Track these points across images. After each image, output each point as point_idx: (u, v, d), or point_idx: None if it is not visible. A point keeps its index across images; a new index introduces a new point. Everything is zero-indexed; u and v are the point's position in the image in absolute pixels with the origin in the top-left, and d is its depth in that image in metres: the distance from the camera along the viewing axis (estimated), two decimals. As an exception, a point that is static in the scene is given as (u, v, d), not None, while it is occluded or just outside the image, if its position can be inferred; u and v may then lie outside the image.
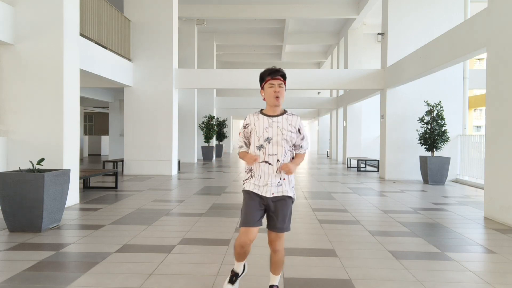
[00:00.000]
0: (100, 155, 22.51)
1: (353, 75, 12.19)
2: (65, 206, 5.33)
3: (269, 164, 2.66)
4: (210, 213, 5.95)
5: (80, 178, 7.10)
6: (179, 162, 12.58)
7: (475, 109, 33.86)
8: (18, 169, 5.09)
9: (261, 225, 2.68)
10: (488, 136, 6.00)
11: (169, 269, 3.45)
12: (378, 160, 12.91)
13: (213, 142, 20.31)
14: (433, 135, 9.92)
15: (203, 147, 18.38)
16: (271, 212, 2.68)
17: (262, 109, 2.80)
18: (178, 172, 12.18)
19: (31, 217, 4.65)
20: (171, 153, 11.56)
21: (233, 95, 24.97)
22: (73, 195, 6.49)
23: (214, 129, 18.81)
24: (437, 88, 10.71)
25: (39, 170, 4.98)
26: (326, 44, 21.32)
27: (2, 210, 4.69)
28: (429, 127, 10.05)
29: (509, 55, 5.50)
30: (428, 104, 10.12)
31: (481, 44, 6.42)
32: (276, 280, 2.81)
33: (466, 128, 11.09)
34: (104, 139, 23.26)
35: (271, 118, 2.71)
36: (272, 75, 2.68)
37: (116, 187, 8.51)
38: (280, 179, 2.68)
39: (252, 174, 2.72)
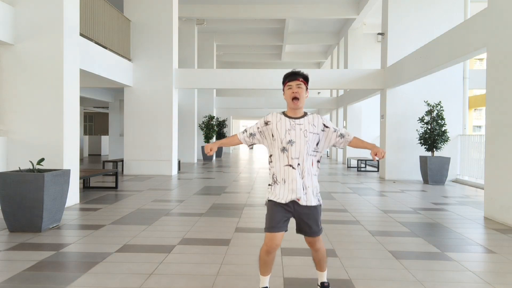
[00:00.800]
0: (100, 155, 22.51)
1: (353, 75, 12.19)
2: (65, 206, 5.33)
3: (292, 168, 2.61)
4: (210, 213, 5.95)
5: (80, 178, 7.10)
6: (179, 162, 12.58)
7: (475, 109, 33.87)
8: (18, 169, 5.09)
9: (286, 229, 2.65)
10: (488, 136, 6.00)
11: (169, 269, 3.45)
12: (378, 160, 12.91)
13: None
14: (433, 135, 9.92)
15: (203, 147, 18.34)
16: (301, 219, 2.64)
17: (283, 112, 2.75)
18: (178, 172, 12.18)
19: (31, 217, 4.65)
20: (171, 153, 11.56)
21: (233, 95, 24.97)
22: (73, 195, 6.49)
23: (214, 129, 18.81)
24: (437, 88, 10.71)
25: (39, 170, 4.98)
26: (326, 44, 21.33)
27: (2, 210, 4.69)
28: (429, 127, 10.05)
29: (509, 55, 5.50)
30: (428, 104, 10.11)
31: (481, 44, 6.42)
32: (324, 276, 2.85)
33: (466, 128, 11.10)
34: (104, 139, 23.26)
35: (293, 120, 2.66)
36: (290, 77, 2.68)
37: (116, 187, 8.51)
38: (304, 188, 2.61)
39: (275, 179, 2.66)
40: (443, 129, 9.92)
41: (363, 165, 15.03)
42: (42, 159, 4.99)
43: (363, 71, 12.10)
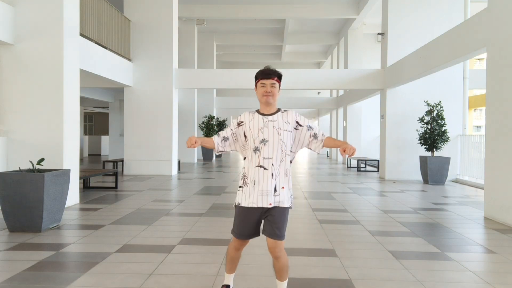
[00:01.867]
0: (100, 155, 22.51)
1: (353, 75, 12.18)
2: (65, 206, 5.33)
3: (264, 168, 2.51)
4: (210, 213, 5.95)
5: (80, 178, 7.10)
6: (179, 162, 12.58)
7: (475, 109, 33.86)
8: (18, 169, 5.09)
9: (258, 235, 2.61)
10: (488, 136, 6.00)
11: (169, 269, 3.45)
12: (378, 160, 12.91)
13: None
14: (433, 135, 9.92)
15: (203, 147, 18.37)
16: (268, 218, 2.54)
17: (258, 109, 2.70)
18: (178, 172, 12.18)
19: (31, 217, 4.65)
20: (171, 153, 11.56)
21: (233, 95, 24.96)
22: (73, 195, 6.49)
23: (214, 129, 18.79)
24: (437, 88, 10.71)
25: (39, 170, 4.99)
26: (326, 44, 21.32)
27: (2, 210, 4.69)
28: (429, 127, 10.05)
29: (509, 55, 5.50)
30: (428, 104, 10.11)
31: (481, 44, 6.42)
32: (284, 286, 2.67)
33: (466, 128, 11.10)
34: (104, 139, 23.26)
35: (266, 117, 2.60)
36: (264, 75, 2.60)
37: (116, 187, 8.50)
38: (276, 189, 2.51)
39: (245, 181, 2.56)
40: (443, 129, 9.92)
41: (363, 165, 15.03)
42: (42, 159, 4.99)
43: (363, 71, 12.10)
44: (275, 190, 2.51)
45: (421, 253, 4.09)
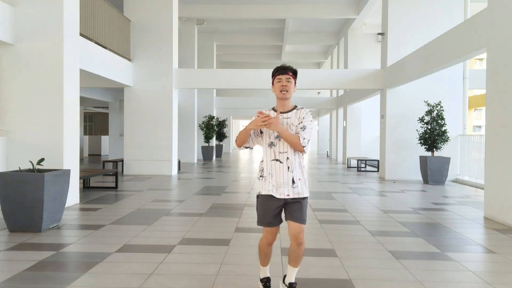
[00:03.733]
0: (100, 155, 22.51)
1: (353, 75, 12.18)
2: (65, 206, 5.33)
3: (280, 162, 2.67)
4: (210, 213, 5.95)
5: (80, 178, 7.10)
6: (179, 162, 12.58)
7: (475, 109, 33.87)
8: (18, 169, 5.09)
9: (281, 221, 2.77)
10: (488, 136, 6.00)
11: (169, 269, 3.45)
12: (378, 160, 12.91)
13: (213, 142, 20.32)
14: (433, 135, 9.92)
15: (203, 147, 18.38)
16: (289, 206, 2.69)
17: (274, 107, 2.80)
18: (178, 172, 12.18)
19: (31, 217, 4.65)
20: (171, 153, 11.56)
21: (233, 95, 24.97)
22: (73, 195, 6.49)
23: (214, 129, 18.81)
24: (437, 88, 10.71)
25: (39, 170, 4.99)
26: (326, 44, 21.32)
27: (2, 210, 4.69)
28: (429, 127, 10.05)
29: (509, 55, 5.50)
30: (428, 104, 10.11)
31: (481, 44, 6.42)
32: (295, 273, 2.83)
33: (466, 128, 11.09)
34: (104, 139, 23.26)
35: (282, 114, 2.71)
36: (280, 71, 2.71)
37: (116, 187, 8.51)
38: (294, 181, 2.66)
39: (262, 173, 2.73)
40: (443, 129, 9.92)
41: (363, 165, 15.03)
42: (42, 159, 4.99)
43: (363, 71, 12.10)
44: (293, 182, 2.66)
45: (421, 253, 4.09)
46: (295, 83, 2.73)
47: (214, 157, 19.52)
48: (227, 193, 8.07)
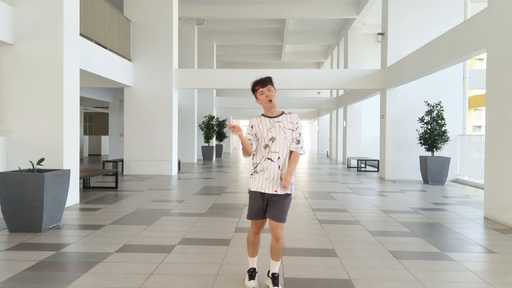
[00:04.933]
0: (100, 155, 22.51)
1: (353, 75, 12.18)
2: (65, 206, 5.33)
3: (271, 160, 2.92)
4: (210, 213, 5.95)
5: (80, 178, 7.11)
6: (179, 162, 12.58)
7: (475, 109, 33.86)
8: (18, 169, 5.09)
9: (265, 218, 3.00)
10: (488, 136, 6.00)
11: (169, 269, 3.45)
12: (378, 160, 12.91)
13: (213, 142, 20.32)
14: (433, 135, 9.92)
15: (203, 147, 18.38)
16: (272, 204, 2.93)
17: (262, 113, 3.05)
18: (178, 172, 12.18)
19: (31, 217, 4.65)
20: (171, 153, 11.57)
21: (233, 95, 24.96)
22: (73, 195, 6.49)
23: (214, 129, 18.81)
24: (437, 88, 10.71)
25: (39, 170, 4.99)
26: (326, 44, 21.32)
27: (2, 210, 4.69)
28: (429, 127, 10.05)
29: (509, 55, 5.50)
30: (428, 104, 10.12)
31: (481, 44, 6.42)
32: (277, 266, 3.01)
33: (466, 128, 11.09)
34: (104, 139, 23.26)
35: (272, 119, 2.99)
36: (260, 84, 3.00)
37: (116, 187, 8.51)
38: (281, 179, 2.92)
39: (256, 169, 2.98)
40: (443, 129, 9.92)
41: (363, 165, 15.03)
42: (42, 159, 4.99)
43: (363, 71, 12.10)
44: (281, 179, 2.92)
45: (421, 253, 4.09)
46: (275, 89, 3.01)
47: (214, 157, 19.52)
48: (227, 193, 8.07)
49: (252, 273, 3.08)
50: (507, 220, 5.39)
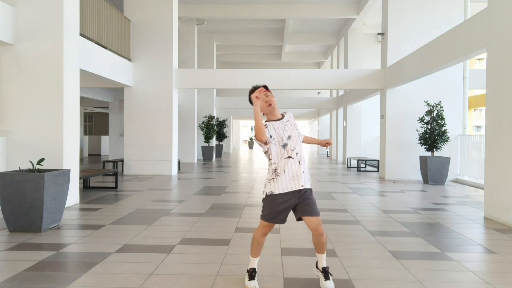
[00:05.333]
0: (100, 155, 22.51)
1: (353, 75, 12.18)
2: (65, 206, 5.33)
3: (291, 158, 2.96)
4: (210, 213, 5.95)
5: (80, 178, 7.11)
6: (179, 162, 12.58)
7: (475, 109, 33.86)
8: (18, 169, 5.09)
9: (284, 222, 3.00)
10: (488, 136, 6.00)
11: (169, 269, 3.46)
12: (378, 160, 12.91)
13: (213, 142, 20.32)
14: (433, 135, 9.92)
15: (203, 147, 18.38)
16: (305, 201, 2.95)
17: (265, 121, 3.06)
18: (178, 172, 12.18)
19: (31, 217, 4.65)
20: (171, 153, 11.56)
21: (233, 95, 24.95)
22: (73, 195, 6.49)
23: (214, 129, 18.81)
24: (437, 88, 10.71)
25: (39, 170, 4.99)
26: (326, 44, 21.32)
27: (2, 210, 4.69)
28: (429, 127, 10.05)
29: (509, 55, 5.50)
30: (428, 104, 10.12)
31: (481, 44, 6.42)
32: (324, 259, 3.07)
33: (466, 128, 11.09)
34: (104, 139, 23.25)
35: (280, 120, 3.05)
36: (255, 89, 3.03)
37: (116, 187, 8.51)
38: (304, 171, 2.98)
39: (277, 172, 2.96)
40: (443, 129, 9.92)
41: (363, 165, 15.03)
42: (42, 159, 4.99)
43: (363, 71, 12.10)
44: (303, 172, 2.97)
45: (421, 253, 4.09)
46: (271, 93, 3.08)
47: (214, 157, 19.52)
48: (227, 193, 8.07)
49: (252, 273, 3.09)
50: (507, 220, 5.39)
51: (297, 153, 2.97)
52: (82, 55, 7.91)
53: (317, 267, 3.15)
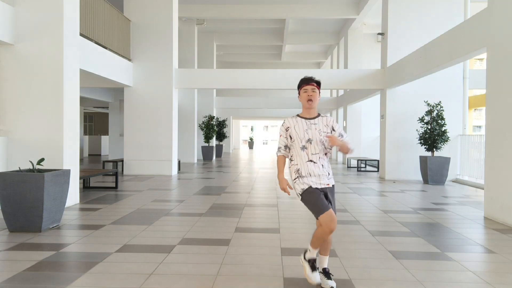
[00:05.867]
0: (100, 155, 22.50)
1: (353, 75, 12.18)
2: (65, 206, 5.33)
3: (314, 162, 3.00)
4: (210, 213, 5.95)
5: (80, 178, 7.10)
6: (179, 162, 12.58)
7: (475, 109, 33.84)
8: (18, 169, 5.09)
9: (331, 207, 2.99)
10: (488, 136, 6.00)
11: (169, 269, 3.45)
12: (378, 160, 12.91)
13: (213, 142, 20.32)
14: (433, 135, 9.92)
15: (203, 147, 18.38)
16: (327, 197, 3.01)
17: (298, 114, 3.12)
18: (178, 172, 12.18)
19: (31, 217, 4.65)
20: (171, 153, 11.56)
21: (233, 95, 24.97)
22: (73, 195, 6.49)
23: (214, 129, 18.81)
24: (437, 88, 10.71)
25: (39, 170, 4.98)
26: (326, 44, 21.32)
27: (2, 210, 4.69)
28: (429, 127, 10.05)
29: (509, 55, 5.50)
30: (428, 104, 10.11)
31: (481, 44, 6.42)
32: (327, 261, 3.11)
33: (466, 128, 11.09)
34: (104, 139, 23.24)
35: (309, 120, 3.05)
36: (306, 82, 3.05)
37: (116, 187, 8.50)
38: (329, 173, 3.04)
39: (300, 173, 3.01)
40: (443, 129, 9.92)
41: (363, 165, 15.03)
42: (42, 159, 4.99)
43: (363, 71, 12.10)
44: (329, 174, 3.05)
45: (421, 253, 4.09)
46: (319, 92, 3.07)
47: (214, 157, 19.52)
48: (227, 193, 8.07)
49: (313, 264, 3.07)
50: (507, 220, 5.39)
51: (319, 158, 3.00)
52: (82, 55, 7.90)
53: (320, 270, 3.13)
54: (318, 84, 3.06)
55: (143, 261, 3.67)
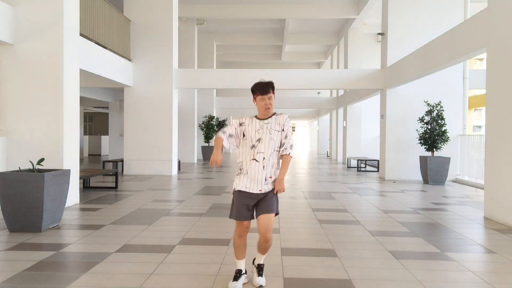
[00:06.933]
0: (100, 155, 22.51)
1: (353, 75, 12.18)
2: (65, 206, 5.33)
3: (256, 161, 2.99)
4: (210, 213, 5.95)
5: (80, 178, 7.10)
6: (179, 162, 12.58)
7: (475, 109, 33.84)
8: (18, 169, 5.09)
9: (252, 218, 3.04)
10: (488, 136, 6.00)
11: (169, 269, 3.46)
12: (378, 160, 12.91)
13: (213, 142, 20.32)
14: (433, 135, 9.92)
15: (203, 147, 18.38)
16: (261, 201, 3.01)
17: (256, 115, 3.13)
18: (178, 172, 12.18)
19: (31, 217, 4.65)
20: (171, 153, 11.56)
21: (233, 95, 24.95)
22: (73, 195, 6.49)
23: (214, 129, 18.81)
24: (437, 88, 10.71)
25: (39, 170, 4.98)
26: (326, 44, 21.32)
27: (2, 210, 4.69)
28: (429, 127, 10.05)
29: (509, 55, 5.50)
30: (428, 104, 10.11)
31: (481, 44, 6.42)
32: (263, 258, 3.16)
33: (466, 128, 11.09)
34: (104, 139, 23.25)
35: (262, 120, 3.06)
36: (261, 90, 3.01)
37: (116, 187, 8.50)
38: (266, 179, 2.99)
39: (241, 170, 3.07)
40: (443, 129, 9.92)
41: (363, 165, 15.03)
42: (42, 159, 4.99)
43: (363, 71, 12.10)
44: (265, 179, 3.00)
45: (421, 253, 4.09)
46: (274, 95, 3.07)
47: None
48: (227, 193, 8.07)
49: (236, 274, 3.10)
50: (507, 220, 5.39)
51: (263, 158, 2.97)
52: (82, 55, 7.90)
53: (253, 263, 3.22)
54: (273, 88, 3.05)
55: (143, 261, 3.67)
